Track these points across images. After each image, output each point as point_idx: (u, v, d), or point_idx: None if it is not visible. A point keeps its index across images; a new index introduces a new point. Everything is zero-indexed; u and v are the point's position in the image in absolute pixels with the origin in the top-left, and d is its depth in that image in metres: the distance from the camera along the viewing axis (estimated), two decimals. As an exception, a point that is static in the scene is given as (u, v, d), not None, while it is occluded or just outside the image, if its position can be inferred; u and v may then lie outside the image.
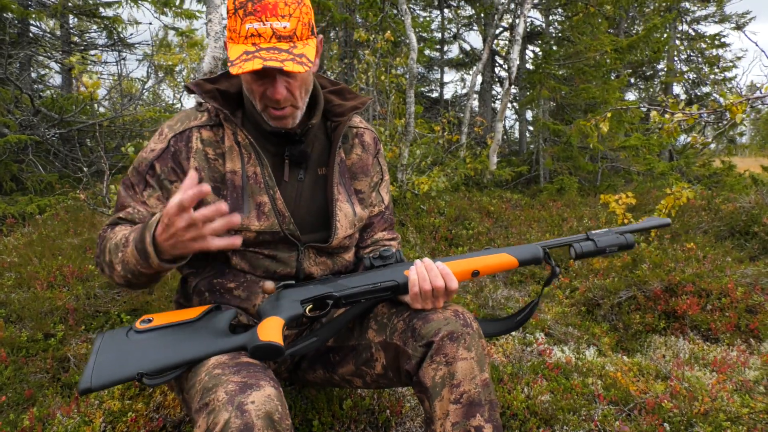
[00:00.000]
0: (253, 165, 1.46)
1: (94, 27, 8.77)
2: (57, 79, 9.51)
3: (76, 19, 8.77)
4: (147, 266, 1.27)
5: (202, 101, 1.49)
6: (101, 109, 7.71)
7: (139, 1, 7.80)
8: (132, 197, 1.46)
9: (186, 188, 1.13)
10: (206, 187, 1.13)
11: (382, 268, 1.45)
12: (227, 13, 1.32)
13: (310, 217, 1.53)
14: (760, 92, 3.70)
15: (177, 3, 7.98)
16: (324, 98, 1.56)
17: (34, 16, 7.35)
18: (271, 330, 1.28)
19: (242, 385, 1.12)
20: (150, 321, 1.32)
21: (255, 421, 1.06)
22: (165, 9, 8.03)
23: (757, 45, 3.34)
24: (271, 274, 1.50)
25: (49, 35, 8.47)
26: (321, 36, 1.44)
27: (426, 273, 1.40)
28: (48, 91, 8.73)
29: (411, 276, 1.40)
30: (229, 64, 1.27)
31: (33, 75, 8.43)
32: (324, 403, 1.98)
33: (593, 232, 1.56)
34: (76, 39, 8.85)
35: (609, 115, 4.44)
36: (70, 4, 7.92)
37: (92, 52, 8.66)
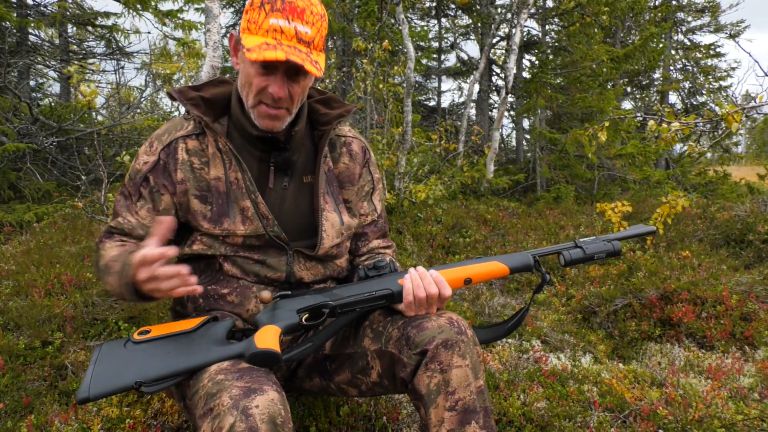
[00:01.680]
0: (234, 171, 1.49)
1: (92, 36, 8.80)
2: (55, 88, 9.55)
3: (74, 28, 8.81)
4: (130, 299, 1.35)
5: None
6: (99, 118, 7.73)
7: (141, 12, 7.84)
8: (126, 207, 1.51)
9: (154, 241, 1.25)
10: (171, 250, 1.23)
11: (376, 278, 1.48)
12: (248, 6, 1.35)
13: (295, 224, 1.55)
14: (755, 101, 3.73)
15: (177, 14, 8.03)
16: (310, 107, 1.60)
17: (33, 24, 7.38)
18: (268, 338, 1.30)
19: (246, 389, 1.14)
20: (148, 332, 1.34)
21: (259, 424, 1.07)
22: (166, 19, 8.07)
23: (750, 55, 3.37)
24: (262, 279, 1.52)
25: (47, 44, 8.50)
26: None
27: (420, 281, 1.42)
28: (46, 100, 8.75)
29: (405, 284, 1.42)
30: (245, 50, 1.30)
31: (31, 83, 8.46)
32: (321, 409, 1.98)
33: (581, 240, 1.60)
34: (74, 48, 8.88)
35: (607, 124, 4.46)
36: (68, 12, 7.96)
37: (90, 60, 8.69)
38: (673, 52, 14.66)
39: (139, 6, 7.64)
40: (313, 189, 1.57)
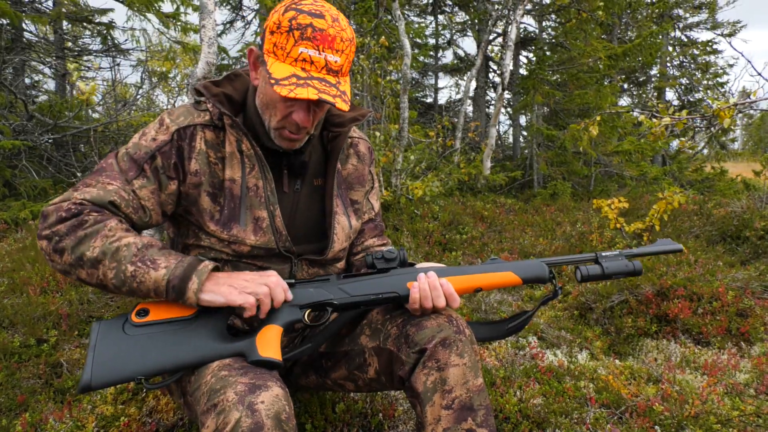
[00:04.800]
0: (255, 177, 1.42)
1: (88, 32, 8.76)
2: (51, 85, 9.50)
3: (69, 25, 8.76)
4: (171, 300, 1.27)
5: (201, 100, 1.46)
6: (95, 115, 7.70)
7: (145, 13, 7.82)
8: (122, 180, 1.34)
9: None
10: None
11: (384, 274, 1.44)
12: (273, 26, 1.27)
13: (305, 228, 1.52)
14: (749, 98, 3.73)
15: (179, 16, 8.02)
16: None
17: (28, 21, 7.34)
18: (270, 344, 1.29)
19: (251, 386, 1.14)
20: (147, 313, 1.31)
21: (265, 420, 1.07)
22: (169, 21, 8.06)
23: (742, 55, 3.37)
24: None
25: (42, 40, 8.45)
26: None
27: (429, 292, 1.38)
28: (42, 96, 8.71)
29: (413, 293, 1.39)
30: (272, 80, 1.23)
31: (27, 80, 8.41)
32: (317, 406, 1.98)
33: (603, 254, 1.53)
34: (69, 44, 8.84)
35: (598, 119, 4.48)
36: (64, 10, 7.92)
37: (86, 57, 8.65)
38: (670, 48, 14.66)
39: (143, 7, 7.62)
40: (323, 192, 1.54)
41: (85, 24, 8.52)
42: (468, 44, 28.62)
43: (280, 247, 1.45)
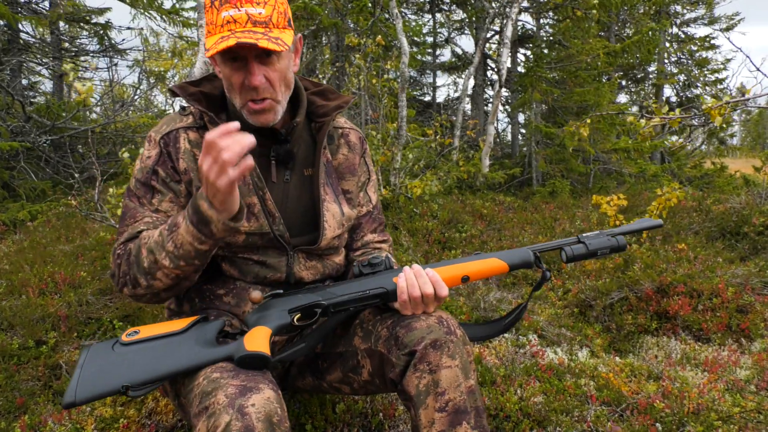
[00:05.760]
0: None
1: (85, 32, 8.75)
2: (48, 86, 9.48)
3: (66, 25, 8.75)
4: (208, 236, 1.26)
5: (186, 105, 1.48)
6: (93, 116, 7.69)
7: (149, 11, 7.82)
8: (142, 210, 1.43)
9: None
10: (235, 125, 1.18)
11: (371, 276, 1.44)
12: (204, 10, 1.36)
13: (298, 218, 1.52)
14: (743, 96, 3.73)
15: (181, 11, 8.04)
16: (307, 100, 1.56)
17: (25, 22, 7.32)
18: (258, 340, 1.28)
19: (242, 388, 1.13)
20: (136, 333, 1.31)
21: (255, 423, 1.06)
22: (171, 17, 8.06)
23: (741, 50, 3.35)
24: (261, 279, 1.48)
25: (39, 41, 8.43)
26: (300, 35, 1.44)
27: (415, 280, 1.38)
28: (40, 98, 8.69)
29: (399, 283, 1.39)
30: (205, 51, 1.31)
31: (24, 82, 8.39)
32: (317, 407, 1.98)
33: (585, 234, 1.55)
34: (66, 45, 8.82)
35: (588, 121, 4.51)
36: (61, 11, 7.90)
37: (83, 58, 8.64)
38: (667, 44, 14.66)
39: (146, 5, 7.62)
40: (313, 181, 1.55)
41: (82, 24, 8.50)
42: (466, 42, 28.68)
43: (274, 231, 1.45)
